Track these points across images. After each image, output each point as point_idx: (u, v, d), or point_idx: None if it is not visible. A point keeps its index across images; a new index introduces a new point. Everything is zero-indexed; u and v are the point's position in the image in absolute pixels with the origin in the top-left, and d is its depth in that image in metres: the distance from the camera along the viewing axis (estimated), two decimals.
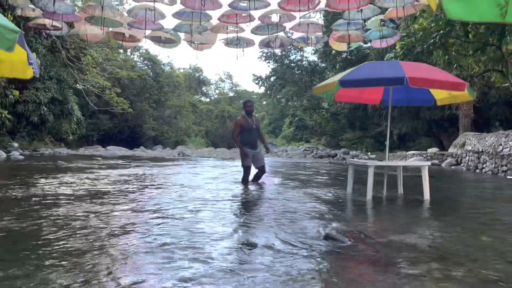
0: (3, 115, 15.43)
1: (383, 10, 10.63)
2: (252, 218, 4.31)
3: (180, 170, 10.68)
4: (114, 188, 6.39)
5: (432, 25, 13.37)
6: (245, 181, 7.49)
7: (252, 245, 3.05)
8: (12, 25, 2.72)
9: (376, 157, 20.41)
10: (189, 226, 3.71)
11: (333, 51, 28.84)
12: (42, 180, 6.99)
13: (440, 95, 6.31)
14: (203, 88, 52.93)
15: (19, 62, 3.43)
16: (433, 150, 19.48)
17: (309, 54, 39.95)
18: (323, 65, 33.27)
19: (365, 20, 11.22)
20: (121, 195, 5.63)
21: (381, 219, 4.68)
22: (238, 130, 7.60)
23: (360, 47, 25.63)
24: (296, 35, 12.18)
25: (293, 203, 5.26)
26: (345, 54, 28.84)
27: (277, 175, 10.01)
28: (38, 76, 3.44)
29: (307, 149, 30.97)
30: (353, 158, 19.33)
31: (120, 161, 13.28)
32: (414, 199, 6.07)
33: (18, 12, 10.05)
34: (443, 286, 2.34)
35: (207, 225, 3.78)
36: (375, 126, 29.45)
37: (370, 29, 11.95)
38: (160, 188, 6.62)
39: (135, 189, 6.39)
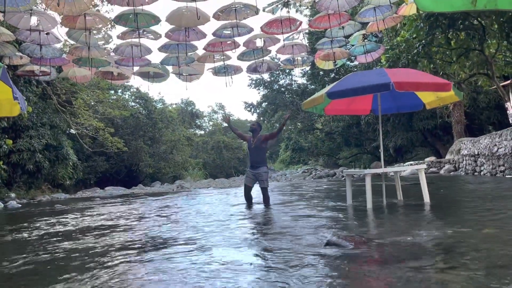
0: None
1: (364, 25, 10.88)
2: (255, 233, 4.24)
3: (178, 201, 10.59)
4: (112, 222, 6.31)
5: (414, 35, 13.64)
6: (246, 198, 7.49)
7: (258, 255, 2.99)
8: None
9: (372, 167, 20.38)
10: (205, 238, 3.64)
11: (321, 72, 29.35)
12: (42, 222, 6.89)
13: (428, 98, 6.37)
14: (196, 121, 53.25)
15: (4, 100, 3.43)
16: (430, 159, 19.49)
17: (298, 78, 40.57)
18: (312, 86, 33.68)
19: (347, 37, 11.46)
20: (121, 227, 5.55)
21: (382, 224, 4.63)
22: (241, 134, 8.36)
23: (346, 65, 26.08)
24: (283, 57, 12.39)
25: (296, 216, 5.21)
26: (332, 74, 29.29)
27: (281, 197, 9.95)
28: (25, 112, 3.44)
29: (306, 171, 30.92)
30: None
31: (118, 199, 13.17)
32: (414, 204, 6.03)
33: (6, 61, 10.17)
34: (449, 274, 2.29)
35: (218, 242, 3.72)
36: (371, 141, 29.57)
37: (353, 45, 12.20)
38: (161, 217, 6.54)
39: (136, 221, 6.31)
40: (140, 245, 4.02)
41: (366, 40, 11.87)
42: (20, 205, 13.21)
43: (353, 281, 2.43)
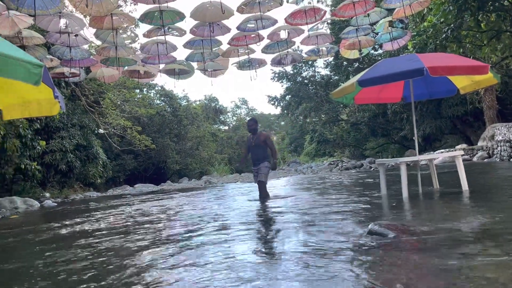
0: (33, 167, 15.83)
1: (390, 12, 10.65)
2: (293, 224, 4.22)
3: (209, 196, 10.68)
4: (152, 217, 6.41)
5: (441, 20, 13.27)
6: (262, 196, 7.40)
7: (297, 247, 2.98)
8: (36, 60, 2.81)
9: (406, 156, 20.01)
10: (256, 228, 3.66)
11: (344, 62, 28.97)
12: (82, 219, 7.06)
13: (462, 83, 6.18)
14: (220, 117, 53.45)
15: (45, 100, 3.52)
16: (461, 146, 18.99)
17: (321, 69, 40.17)
18: (336, 77, 33.31)
19: (373, 24, 11.25)
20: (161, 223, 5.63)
21: (422, 212, 4.53)
22: (244, 149, 7.68)
23: (370, 54, 25.66)
24: (306, 48, 12.27)
25: (331, 208, 5.16)
26: (356, 63, 28.87)
27: (308, 190, 9.90)
28: (64, 110, 3.52)
29: (332, 163, 30.66)
30: None
31: (149, 196, 13.40)
32: (452, 191, 5.88)
33: None
34: (499, 260, 2.22)
35: (266, 231, 3.72)
36: (398, 131, 29.03)
37: (377, 33, 11.96)
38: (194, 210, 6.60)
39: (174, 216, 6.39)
40: (185, 238, 4.06)
41: (392, 27, 11.62)
42: (55, 204, 13.60)
43: (402, 269, 2.38)
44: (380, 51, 25.81)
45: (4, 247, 4.60)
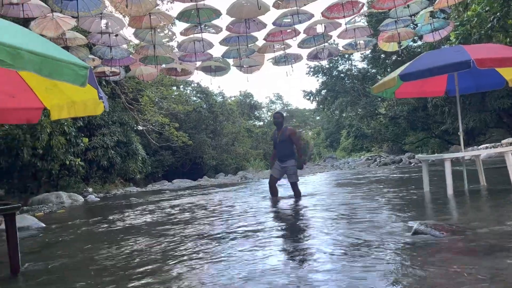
0: (77, 163, 16.45)
1: (431, 2, 10.27)
2: (333, 222, 4.16)
3: (246, 191, 10.73)
4: (191, 213, 6.51)
5: (486, 8, 12.66)
6: (270, 192, 7.26)
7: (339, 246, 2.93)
8: (82, 62, 2.89)
9: (451, 151, 19.31)
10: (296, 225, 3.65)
11: (382, 55, 28.26)
12: (124, 214, 7.28)
13: (511, 75, 5.87)
14: (255, 112, 53.56)
15: (90, 100, 3.62)
16: (508, 140, 18.11)
17: (358, 62, 39.39)
18: (373, 70, 32.58)
19: (413, 15, 10.88)
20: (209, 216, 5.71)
21: (469, 211, 4.35)
22: (274, 145, 7.61)
23: (409, 46, 24.89)
24: (343, 42, 12.04)
25: (371, 206, 5.05)
26: (394, 56, 28.11)
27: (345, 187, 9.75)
28: (107, 110, 3.61)
29: (370, 158, 30.11)
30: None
31: (187, 191, 13.64)
32: (500, 189, 5.61)
33: None
34: None
35: (304, 228, 3.70)
36: (439, 125, 28.04)
37: (416, 25, 11.56)
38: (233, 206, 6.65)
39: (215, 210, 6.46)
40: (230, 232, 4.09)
41: (433, 17, 11.21)
42: (98, 199, 14.10)
43: (452, 273, 2.28)
44: (419, 42, 24.98)
45: (54, 242, 4.79)
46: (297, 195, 7.07)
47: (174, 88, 30.13)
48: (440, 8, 10.65)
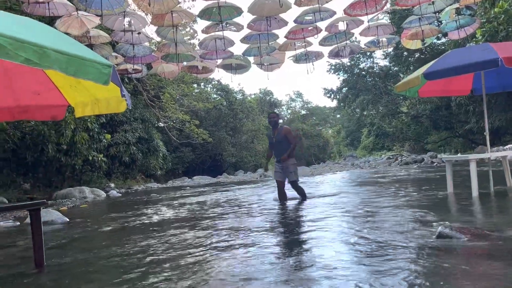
0: (99, 159, 16.75)
1: None
2: (354, 224, 4.10)
3: (264, 190, 10.73)
4: (215, 210, 6.55)
5: None
6: (279, 197, 6.95)
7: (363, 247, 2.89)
8: (106, 60, 2.92)
9: (476, 152, 18.87)
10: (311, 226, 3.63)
11: (405, 52, 27.79)
12: (149, 210, 7.38)
13: None
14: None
15: (113, 98, 3.66)
16: None
17: (380, 60, 38.88)
18: (395, 68, 32.10)
19: (437, 12, 10.64)
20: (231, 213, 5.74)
21: (494, 214, 4.23)
22: (269, 146, 7.24)
23: (433, 43, 24.40)
24: (366, 39, 11.87)
25: (393, 207, 4.97)
26: (417, 53, 27.61)
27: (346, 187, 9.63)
28: (130, 108, 3.65)
29: (391, 157, 29.70)
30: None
31: (207, 188, 13.72)
32: None
33: None
34: None
35: (323, 229, 3.67)
36: (463, 124, 27.44)
37: (441, 22, 11.31)
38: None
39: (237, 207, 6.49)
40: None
41: (459, 14, 10.94)
42: (120, 194, 14.32)
43: (477, 279, 2.22)
44: (443, 40, 24.49)
45: (78, 237, 4.89)
46: (302, 194, 6.86)
47: (195, 85, 30.35)
48: (466, 5, 10.40)
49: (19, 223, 6.50)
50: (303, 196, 6.84)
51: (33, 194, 14.39)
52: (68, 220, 6.45)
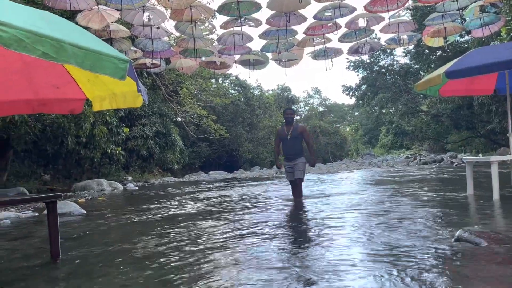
0: (118, 152, 16.96)
1: None
2: (367, 223, 4.03)
3: (280, 187, 10.69)
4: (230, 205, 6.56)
5: None
6: (295, 194, 6.79)
7: (377, 251, 2.83)
8: (123, 56, 2.92)
9: (498, 153, 18.46)
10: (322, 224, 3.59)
11: (426, 50, 27.28)
12: (165, 204, 7.43)
13: None
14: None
15: (130, 93, 3.68)
16: None
17: (400, 57, 38.34)
18: (416, 66, 31.56)
19: (461, 9, 10.39)
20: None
21: None
22: (277, 141, 7.00)
23: (455, 41, 23.88)
24: (386, 36, 11.68)
25: (411, 208, 4.88)
26: (439, 51, 27.08)
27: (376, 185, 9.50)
28: (147, 102, 3.65)
29: (409, 156, 29.29)
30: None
31: (222, 184, 13.76)
32: None
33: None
34: None
35: (338, 227, 3.63)
36: (485, 124, 26.83)
37: (464, 20, 11.04)
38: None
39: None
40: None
41: (483, 11, 10.66)
42: (137, 188, 14.48)
43: (494, 285, 2.15)
44: (466, 37, 23.96)
45: (94, 229, 4.94)
46: (299, 194, 6.67)
47: (213, 80, 30.44)
48: (490, 2, 10.12)
49: (38, 214, 6.62)
50: (300, 197, 6.63)
51: (52, 185, 14.68)
52: (85, 212, 6.54)
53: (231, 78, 34.76)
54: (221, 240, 3.71)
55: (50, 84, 4.05)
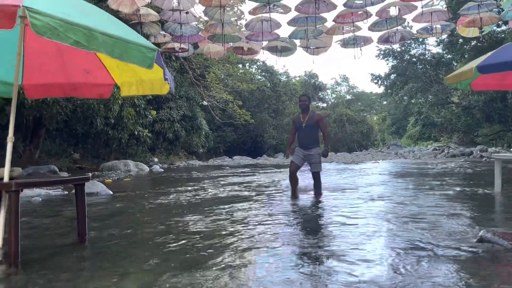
0: (145, 134, 17.30)
1: None
2: (386, 218, 4.01)
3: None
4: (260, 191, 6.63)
5: None
6: (290, 181, 6.54)
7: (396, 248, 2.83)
8: (151, 44, 2.97)
9: None
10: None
11: (460, 39, 26.36)
12: (191, 187, 7.58)
13: None
14: (319, 94, 52.73)
15: (157, 80, 3.75)
16: None
17: (432, 47, 37.25)
18: (449, 56, 30.60)
19: None
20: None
21: None
22: (292, 130, 6.77)
23: (492, 31, 22.98)
24: (418, 26, 11.36)
25: (432, 205, 4.81)
26: (474, 41, 26.12)
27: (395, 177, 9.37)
28: (173, 91, 3.71)
29: (437, 148, 28.67)
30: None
31: (246, 169, 13.86)
32: None
33: (152, 40, 11.18)
34: None
35: (349, 225, 3.64)
36: None
37: (502, 9, 10.60)
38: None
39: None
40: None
41: None
42: (162, 170, 14.76)
43: None
44: (503, 27, 23.00)
45: (121, 211, 5.10)
46: (319, 187, 6.43)
47: (240, 65, 30.42)
48: None
49: (67, 192, 6.87)
50: (319, 189, 6.41)
51: (82, 164, 15.15)
52: (112, 193, 6.74)
53: (258, 63, 34.64)
54: (246, 226, 3.76)
55: (81, 69, 4.17)
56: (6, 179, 2.78)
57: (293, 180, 6.50)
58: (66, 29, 2.47)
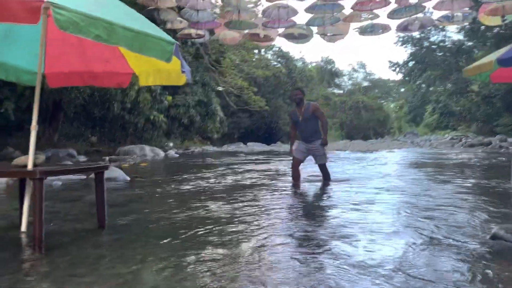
0: (160, 119, 17.50)
1: None
2: (396, 210, 4.03)
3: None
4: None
5: None
6: (293, 175, 6.54)
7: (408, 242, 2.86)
8: (169, 37, 3.02)
9: None
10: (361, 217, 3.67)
11: (482, 27, 25.73)
12: (207, 174, 7.70)
13: None
14: (335, 80, 52.28)
15: (174, 71, 3.80)
16: None
17: (453, 34, 36.40)
18: (470, 43, 29.95)
19: None
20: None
21: None
22: (291, 125, 6.71)
23: None
24: (438, 13, 11.13)
25: (445, 198, 4.81)
26: (496, 29, 25.48)
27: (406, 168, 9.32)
28: (190, 82, 3.77)
29: (455, 137, 28.27)
30: None
31: (260, 156, 13.93)
32: None
33: (168, 25, 11.23)
34: None
35: (369, 211, 3.69)
36: None
37: None
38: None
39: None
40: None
41: None
42: (177, 155, 14.94)
43: None
44: None
45: (139, 197, 5.23)
46: (327, 177, 6.44)
47: (256, 51, 30.29)
48: None
49: (85, 177, 7.04)
50: (327, 179, 6.42)
51: (99, 147, 15.43)
52: (129, 178, 6.88)
53: (274, 49, 34.43)
54: (268, 213, 3.83)
55: (101, 58, 4.24)
56: (30, 166, 2.89)
57: (295, 174, 6.49)
58: (87, 23, 2.53)
